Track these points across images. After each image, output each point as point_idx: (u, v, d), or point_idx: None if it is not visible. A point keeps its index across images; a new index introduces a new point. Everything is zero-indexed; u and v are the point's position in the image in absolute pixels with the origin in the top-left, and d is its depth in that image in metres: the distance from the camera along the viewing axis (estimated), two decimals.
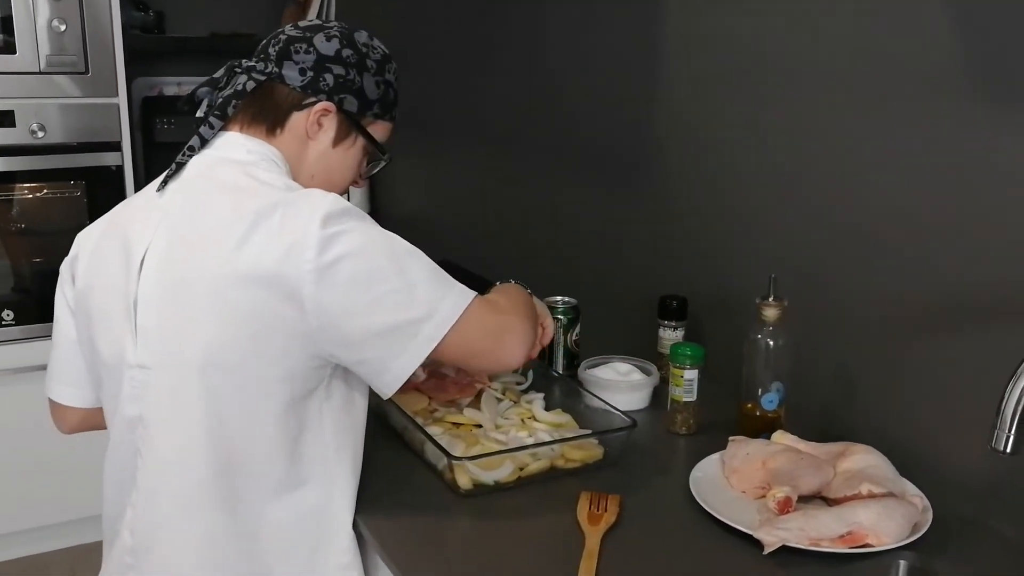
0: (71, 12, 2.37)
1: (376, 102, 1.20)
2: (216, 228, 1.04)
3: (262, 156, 1.13)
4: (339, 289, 1.00)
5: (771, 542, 1.06)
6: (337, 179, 1.22)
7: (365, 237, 1.03)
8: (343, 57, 1.16)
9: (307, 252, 0.99)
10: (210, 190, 1.09)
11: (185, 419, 1.05)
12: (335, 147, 1.19)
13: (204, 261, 1.03)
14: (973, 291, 1.18)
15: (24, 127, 2.38)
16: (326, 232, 1.00)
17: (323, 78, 1.15)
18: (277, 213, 1.02)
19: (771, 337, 1.31)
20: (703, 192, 1.64)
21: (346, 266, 1.00)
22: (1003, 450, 0.87)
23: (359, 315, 1.01)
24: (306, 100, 1.15)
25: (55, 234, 2.52)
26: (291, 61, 1.15)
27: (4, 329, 2.45)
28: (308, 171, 1.18)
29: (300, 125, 1.16)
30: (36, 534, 2.57)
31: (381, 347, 1.03)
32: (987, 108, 1.15)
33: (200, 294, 1.03)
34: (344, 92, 1.16)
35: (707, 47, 1.60)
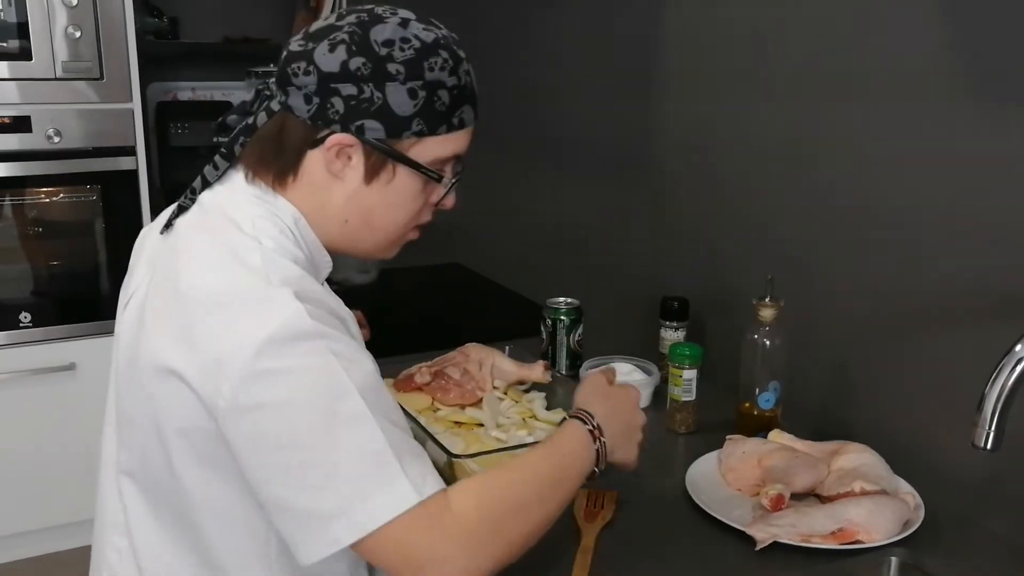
0: (86, 19, 2.41)
1: (414, 117, 0.92)
2: (164, 312, 0.89)
3: (263, 213, 0.94)
4: (250, 443, 0.83)
5: (763, 538, 1.08)
6: (380, 222, 0.98)
7: (300, 386, 0.82)
8: (352, 71, 0.90)
9: (225, 383, 0.82)
10: (179, 254, 0.93)
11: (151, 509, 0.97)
12: (369, 184, 0.95)
13: (144, 354, 0.90)
14: (966, 290, 1.20)
15: (41, 132, 2.41)
16: (255, 367, 0.81)
17: (331, 103, 0.91)
18: (221, 313, 0.85)
19: (768, 337, 1.33)
20: (704, 194, 1.66)
21: (262, 420, 0.82)
22: (984, 446, 0.89)
23: (266, 479, 0.84)
24: (319, 134, 0.92)
25: (71, 237, 2.56)
26: (293, 86, 0.92)
27: (22, 331, 2.49)
28: (339, 216, 0.97)
29: (319, 165, 0.94)
30: (54, 533, 2.61)
31: (286, 523, 0.85)
32: (983, 108, 1.16)
33: (136, 378, 0.92)
34: (361, 117, 0.91)
35: (708, 52, 1.62)
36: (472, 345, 1.50)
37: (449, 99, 0.94)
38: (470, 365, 1.46)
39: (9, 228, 2.48)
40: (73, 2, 2.37)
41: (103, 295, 2.56)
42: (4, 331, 2.47)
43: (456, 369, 1.45)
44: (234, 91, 3.11)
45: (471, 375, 1.44)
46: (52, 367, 2.49)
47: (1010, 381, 0.89)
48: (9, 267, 2.50)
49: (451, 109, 0.95)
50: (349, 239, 1.00)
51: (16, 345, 2.48)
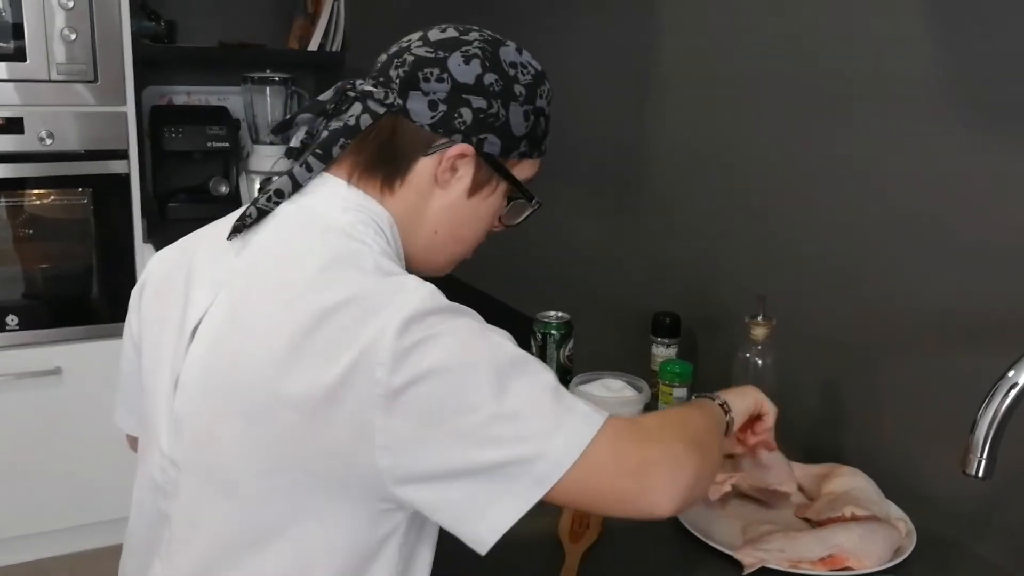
0: (82, 21, 2.40)
1: (524, 138, 0.96)
2: (272, 320, 0.83)
3: (360, 219, 0.90)
4: (419, 418, 0.78)
5: (751, 563, 1.06)
6: (467, 233, 0.99)
7: (454, 346, 0.79)
8: (485, 85, 0.92)
9: (377, 370, 0.77)
10: (280, 259, 0.88)
11: (207, 538, 0.87)
12: (470, 197, 0.95)
13: (250, 364, 0.82)
14: (960, 313, 1.18)
15: (33, 134, 2.40)
16: (403, 343, 0.77)
17: (459, 113, 0.91)
18: (348, 313, 0.80)
19: (759, 356, 1.31)
20: (697, 210, 1.64)
21: (428, 388, 0.77)
22: (975, 475, 0.87)
23: (445, 451, 0.78)
24: (437, 142, 0.92)
25: (61, 240, 2.54)
26: (419, 91, 0.91)
27: (9, 334, 2.47)
28: (431, 225, 0.95)
29: (427, 172, 0.93)
30: (39, 539, 2.59)
31: (473, 490, 0.79)
32: (978, 128, 1.14)
33: (237, 404, 0.83)
34: (485, 131, 0.92)
35: (702, 69, 1.60)
36: None
37: (545, 127, 1.00)
38: None
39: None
40: (70, 4, 2.36)
41: (92, 299, 2.54)
42: None
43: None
44: (229, 96, 3.10)
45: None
46: (38, 371, 2.47)
47: (1003, 407, 0.87)
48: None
49: (544, 135, 1.00)
50: (432, 249, 0.98)
51: (2, 348, 2.46)
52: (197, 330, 0.89)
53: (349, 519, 0.84)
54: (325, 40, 3.02)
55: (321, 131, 0.96)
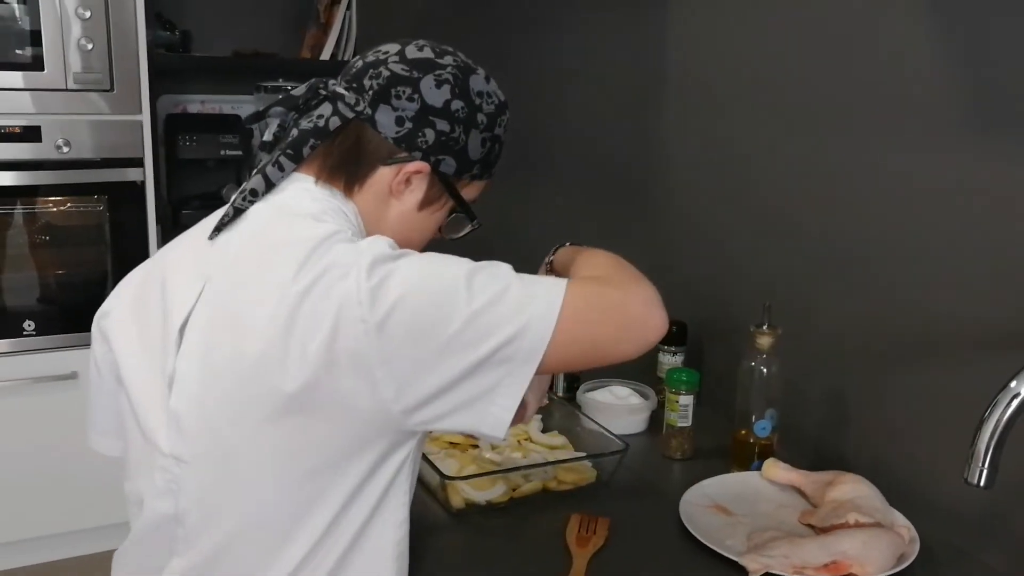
0: (99, 31, 2.44)
1: (478, 163, 1.02)
2: (262, 305, 0.88)
3: (329, 207, 0.96)
4: (406, 340, 0.84)
5: (756, 569, 1.07)
6: (415, 239, 1.06)
7: (416, 269, 0.87)
8: (451, 111, 0.98)
9: (358, 308, 0.84)
10: (265, 250, 0.92)
11: (228, 522, 0.91)
12: (420, 211, 1.02)
13: (251, 339, 0.87)
14: (965, 322, 1.19)
15: (50, 142, 2.44)
16: (371, 283, 0.85)
17: (423, 133, 0.97)
18: (325, 278, 0.86)
19: (764, 364, 1.32)
20: (704, 219, 1.66)
21: (405, 311, 0.84)
22: (977, 484, 0.88)
23: (439, 362, 0.85)
24: (397, 155, 0.98)
25: (77, 247, 2.58)
26: (389, 106, 0.97)
27: (26, 339, 2.51)
28: (386, 230, 1.00)
29: (384, 181, 0.99)
30: (55, 541, 2.62)
31: (476, 386, 0.86)
32: (984, 141, 1.15)
33: (249, 380, 0.87)
34: (444, 153, 0.99)
35: (709, 79, 1.62)
36: None
37: (498, 152, 1.06)
38: None
39: (16, 236, 2.50)
40: (86, 14, 2.40)
41: None
42: (8, 339, 2.49)
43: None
44: (243, 104, 3.13)
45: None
46: (54, 375, 2.50)
47: (1005, 417, 0.88)
48: (14, 275, 2.52)
49: (496, 160, 1.06)
50: None
51: (19, 353, 2.50)
52: (185, 328, 0.92)
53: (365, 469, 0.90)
54: (337, 49, 3.05)
55: (291, 126, 1.02)
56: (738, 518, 1.22)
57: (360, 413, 0.86)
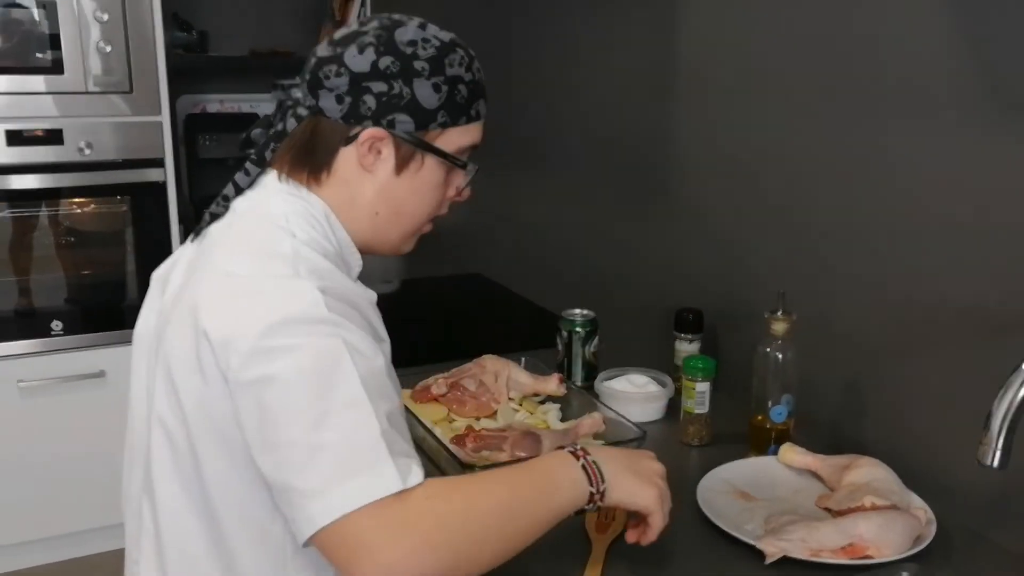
0: (117, 33, 2.46)
1: (439, 109, 0.99)
2: (204, 286, 0.94)
3: (296, 210, 0.98)
4: (248, 416, 0.87)
5: (772, 552, 1.08)
6: (410, 210, 1.04)
7: (302, 364, 0.84)
8: (381, 69, 0.97)
9: (233, 357, 0.86)
10: (215, 249, 0.98)
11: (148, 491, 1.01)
12: (399, 175, 1.00)
13: (170, 327, 0.95)
14: (980, 304, 1.19)
15: (72, 145, 2.47)
16: (261, 344, 0.85)
17: (363, 101, 0.97)
18: (248, 296, 0.89)
19: (780, 350, 1.33)
20: (719, 207, 1.66)
21: (261, 393, 0.85)
22: (991, 465, 0.89)
23: (261, 453, 0.86)
24: (351, 132, 0.98)
25: (102, 247, 2.62)
26: (324, 88, 0.97)
27: (54, 339, 2.55)
28: (370, 209, 1.01)
29: (351, 161, 0.99)
30: (84, 537, 2.66)
31: (280, 500, 0.87)
32: (1002, 124, 1.15)
33: (157, 364, 0.96)
34: (391, 111, 0.97)
35: (723, 68, 1.62)
36: (488, 357, 1.52)
37: (467, 92, 1.01)
38: (486, 377, 1.48)
39: (42, 238, 2.54)
40: (104, 17, 2.43)
41: (132, 304, 2.61)
42: (36, 339, 2.53)
43: (472, 381, 1.47)
44: (261, 103, 3.16)
45: (487, 387, 1.46)
46: (82, 374, 2.54)
47: (1018, 398, 0.89)
48: (42, 276, 2.56)
49: (468, 102, 1.01)
50: (378, 231, 1.04)
51: (48, 353, 2.54)
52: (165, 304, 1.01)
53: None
54: None
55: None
56: (755, 503, 1.23)
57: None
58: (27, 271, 2.54)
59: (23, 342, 2.51)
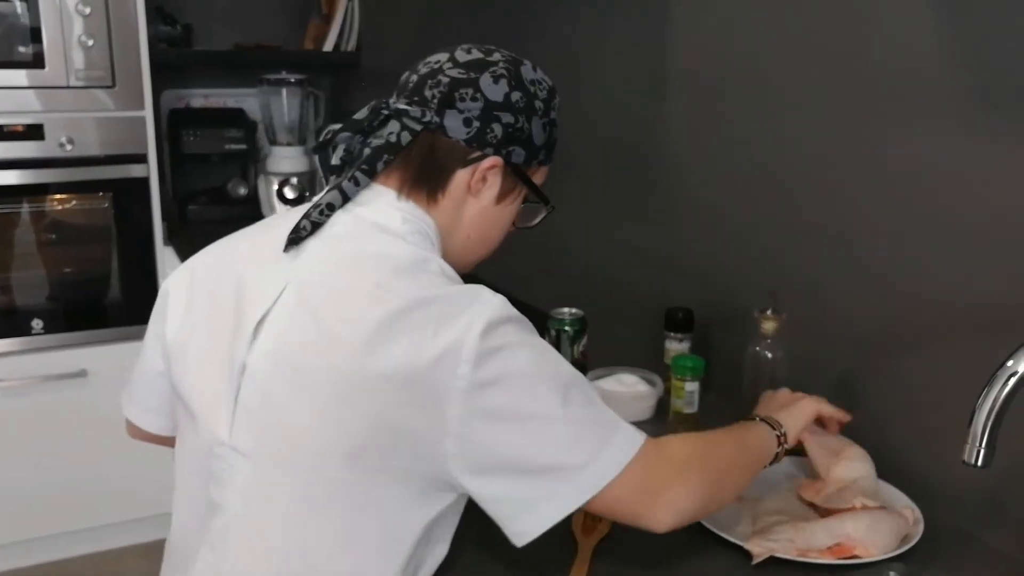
0: (99, 27, 2.44)
1: (543, 148, 1.06)
2: (352, 311, 0.89)
3: (416, 228, 0.99)
4: (492, 414, 0.86)
5: (759, 553, 1.07)
6: (494, 236, 1.09)
7: (530, 356, 0.89)
8: (512, 102, 1.01)
9: (462, 365, 0.85)
10: (351, 260, 0.95)
11: (271, 522, 0.92)
12: (498, 204, 1.04)
13: (331, 351, 0.88)
14: (969, 303, 1.19)
15: (53, 140, 2.44)
16: (486, 345, 0.86)
17: (491, 129, 1.00)
18: (432, 308, 0.88)
19: (770, 350, 1.33)
20: (709, 206, 1.65)
21: (505, 389, 0.86)
22: (975, 464, 0.88)
23: (509, 447, 0.87)
24: (472, 155, 1.00)
25: (83, 244, 2.59)
26: (455, 109, 0.99)
27: (35, 338, 2.52)
28: (465, 231, 1.04)
29: (462, 183, 1.01)
30: (64, 539, 2.63)
31: (526, 487, 0.88)
32: (987, 121, 1.15)
33: (319, 389, 0.88)
34: (513, 144, 1.01)
35: (713, 65, 1.62)
36: None
37: (557, 135, 1.09)
38: None
39: (22, 235, 2.51)
40: (87, 10, 2.40)
41: (115, 302, 2.58)
42: (17, 338, 2.50)
43: None
44: (246, 98, 3.13)
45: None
46: (63, 374, 2.52)
47: (1001, 396, 0.88)
48: (22, 274, 2.53)
49: (555, 144, 1.09)
50: (464, 253, 1.07)
51: (28, 352, 2.51)
52: (262, 324, 0.94)
53: (407, 502, 0.91)
54: (340, 40, 3.05)
55: (358, 148, 1.03)
56: (744, 503, 1.22)
57: (420, 443, 0.88)
58: (7, 268, 2.51)
59: (3, 341, 2.48)
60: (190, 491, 1.01)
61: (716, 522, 1.14)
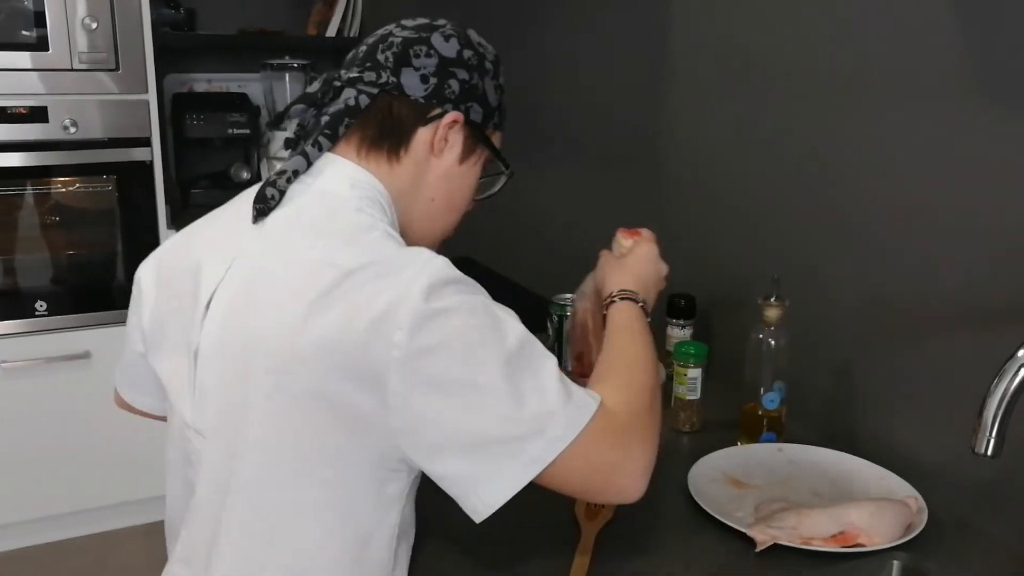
0: (103, 10, 2.43)
1: (496, 110, 1.04)
2: (290, 283, 0.87)
3: (365, 195, 0.96)
4: (430, 387, 0.82)
5: (763, 540, 1.08)
6: (458, 201, 1.05)
7: (471, 320, 0.84)
8: (465, 59, 1.00)
9: (397, 332, 0.81)
10: (293, 232, 0.92)
11: (233, 501, 0.91)
12: (461, 164, 1.02)
13: (269, 325, 0.86)
14: (973, 293, 1.19)
15: (57, 123, 2.44)
16: (426, 308, 0.81)
17: (448, 84, 0.99)
18: (367, 272, 0.84)
19: (772, 337, 1.32)
20: (711, 192, 1.65)
21: (443, 358, 0.82)
22: (984, 453, 0.88)
23: (450, 422, 0.83)
24: (431, 112, 0.99)
25: (87, 227, 2.59)
26: (411, 67, 0.98)
27: (38, 319, 2.52)
28: (428, 194, 1.02)
29: (424, 142, 0.99)
30: (69, 519, 2.64)
31: (472, 463, 0.84)
32: (992, 112, 1.15)
33: (261, 370, 0.86)
34: (470, 100, 1.00)
35: (714, 52, 1.61)
36: None
37: (506, 102, 1.07)
38: None
39: (26, 218, 2.51)
40: None
41: (118, 284, 2.58)
42: (20, 319, 2.50)
43: None
44: (249, 83, 3.12)
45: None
46: (67, 355, 2.52)
47: (1012, 386, 0.88)
48: (26, 256, 2.53)
49: (506, 112, 1.07)
50: (428, 219, 1.04)
51: (32, 333, 2.51)
52: (210, 304, 0.93)
53: (364, 480, 0.89)
54: (343, 25, 3.04)
55: (312, 120, 1.02)
56: (747, 490, 1.22)
57: (366, 418, 0.84)
58: (11, 251, 2.50)
59: (7, 323, 2.49)
60: (175, 473, 1.03)
61: (719, 509, 1.14)
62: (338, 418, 0.85)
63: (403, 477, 0.91)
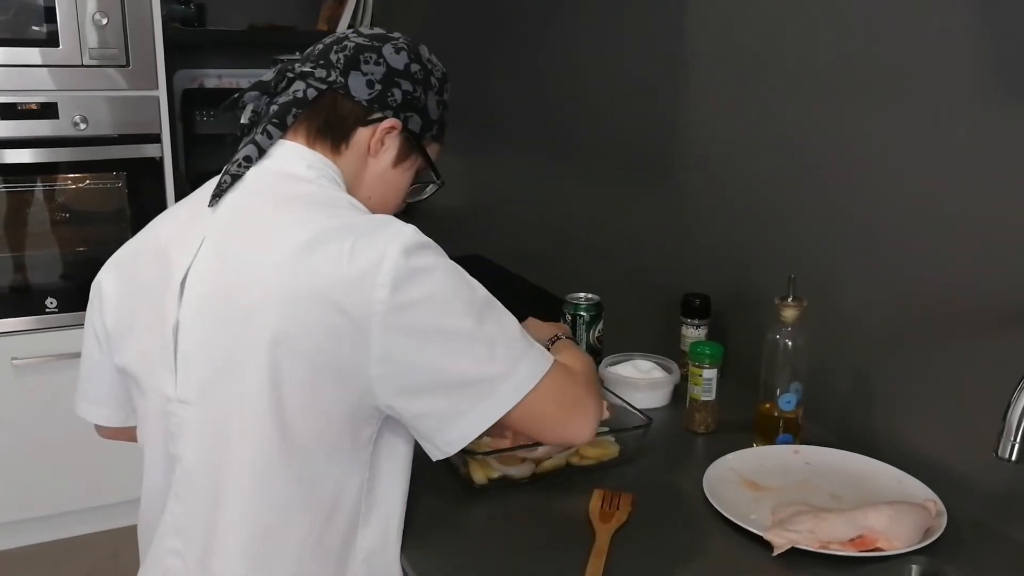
0: (113, 5, 2.42)
1: (436, 123, 1.13)
2: (268, 244, 0.95)
3: (322, 173, 1.05)
4: (412, 336, 0.92)
5: (780, 544, 1.06)
6: (392, 201, 1.14)
7: (446, 279, 0.95)
8: (411, 72, 1.09)
9: (380, 288, 0.90)
10: (266, 205, 1.01)
11: (226, 464, 0.97)
12: (395, 167, 1.11)
13: (251, 286, 0.94)
14: (992, 294, 1.17)
15: (67, 119, 2.44)
16: (405, 266, 0.91)
17: (391, 93, 1.07)
18: (347, 234, 0.93)
19: (789, 337, 1.31)
20: (726, 190, 1.63)
21: (424, 310, 0.92)
22: (1008, 458, 0.87)
23: (432, 364, 0.93)
24: (372, 116, 1.07)
25: (97, 223, 2.59)
26: (359, 72, 1.06)
27: (48, 316, 2.52)
28: (365, 191, 1.10)
29: (363, 141, 1.08)
30: (81, 516, 2.65)
31: (448, 402, 0.94)
32: (1011, 112, 1.13)
33: (250, 317, 0.93)
34: (410, 110, 1.09)
35: (729, 51, 1.59)
36: None
37: (448, 117, 1.17)
38: None
39: (36, 214, 2.51)
40: None
41: None
42: (31, 316, 2.50)
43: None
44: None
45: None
46: (77, 352, 2.49)
47: None
48: (36, 253, 2.53)
49: (446, 126, 1.17)
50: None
51: (42, 330, 2.51)
52: (186, 280, 0.99)
53: (336, 432, 0.97)
54: (354, 21, 3.03)
55: (264, 108, 1.10)
56: (763, 492, 1.21)
57: (347, 368, 0.92)
58: (21, 247, 2.51)
59: (17, 319, 2.49)
60: (153, 455, 1.07)
61: (735, 512, 1.13)
62: (322, 373, 0.92)
63: (372, 425, 0.99)
